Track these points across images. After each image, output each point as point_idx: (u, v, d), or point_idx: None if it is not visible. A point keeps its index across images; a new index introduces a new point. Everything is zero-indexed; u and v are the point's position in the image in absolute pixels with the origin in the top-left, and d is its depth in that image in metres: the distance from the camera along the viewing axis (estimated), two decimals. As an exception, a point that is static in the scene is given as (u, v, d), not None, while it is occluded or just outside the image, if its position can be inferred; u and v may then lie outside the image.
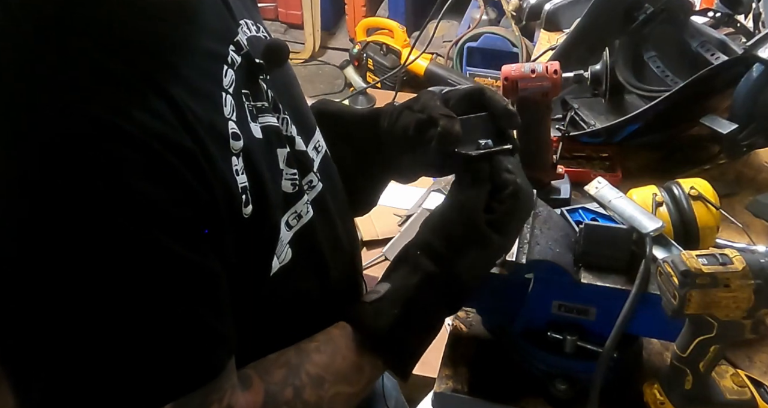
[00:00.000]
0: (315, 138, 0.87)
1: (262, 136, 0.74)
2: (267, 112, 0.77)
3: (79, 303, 0.59)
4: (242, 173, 0.69)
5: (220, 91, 0.70)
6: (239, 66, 0.74)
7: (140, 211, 0.60)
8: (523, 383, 0.97)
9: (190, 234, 0.63)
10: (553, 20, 1.88)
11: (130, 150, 0.60)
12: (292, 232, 0.78)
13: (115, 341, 0.60)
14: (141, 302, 0.61)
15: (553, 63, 1.11)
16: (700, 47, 1.38)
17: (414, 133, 0.88)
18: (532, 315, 0.94)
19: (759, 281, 0.80)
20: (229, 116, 0.70)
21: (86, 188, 0.58)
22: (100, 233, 0.59)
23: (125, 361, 0.61)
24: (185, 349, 0.63)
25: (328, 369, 0.76)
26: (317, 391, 0.74)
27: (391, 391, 1.15)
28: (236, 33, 0.76)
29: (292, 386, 0.73)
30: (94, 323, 0.60)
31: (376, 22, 3.59)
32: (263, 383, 0.72)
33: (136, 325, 0.61)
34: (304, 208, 0.79)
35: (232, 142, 0.69)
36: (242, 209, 0.69)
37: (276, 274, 0.75)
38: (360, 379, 0.79)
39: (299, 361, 0.76)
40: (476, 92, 0.87)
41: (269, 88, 0.79)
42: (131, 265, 0.60)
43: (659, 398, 0.90)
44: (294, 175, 0.78)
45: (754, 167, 1.36)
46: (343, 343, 0.79)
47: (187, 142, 0.63)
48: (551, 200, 1.15)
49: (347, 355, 0.78)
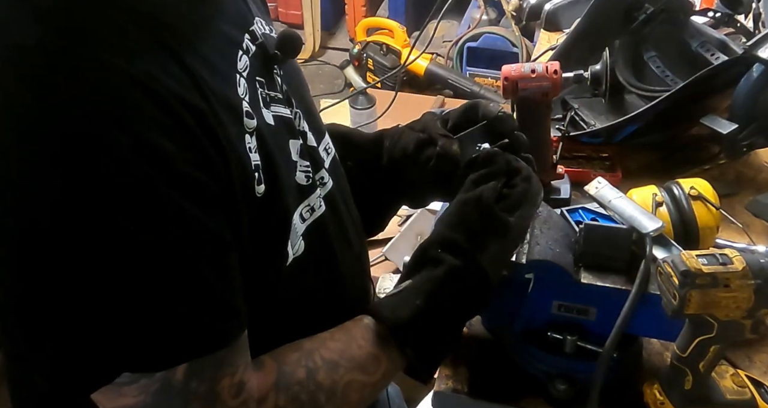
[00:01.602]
0: (325, 140, 0.88)
1: (274, 123, 0.75)
2: (280, 103, 0.78)
3: (98, 257, 0.60)
4: (255, 152, 0.69)
5: (235, 73, 0.71)
6: (254, 54, 0.75)
7: (161, 168, 0.60)
8: (523, 383, 0.97)
9: (204, 198, 0.63)
10: (553, 20, 1.88)
11: (152, 106, 0.60)
12: (306, 224, 0.78)
13: (130, 296, 0.61)
14: (156, 259, 0.61)
15: (553, 63, 1.11)
16: (700, 47, 1.38)
17: (414, 152, 0.92)
18: (532, 315, 0.94)
19: (759, 281, 0.80)
20: (243, 96, 0.70)
21: (110, 143, 0.58)
22: (121, 189, 0.59)
23: (135, 319, 0.61)
24: (195, 310, 0.63)
25: (343, 355, 0.75)
26: (331, 375, 0.73)
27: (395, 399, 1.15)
28: (252, 23, 0.78)
29: (305, 368, 0.73)
30: (102, 278, 0.60)
31: (376, 22, 3.59)
32: (275, 363, 0.72)
33: (151, 282, 0.61)
34: (317, 202, 0.80)
35: (246, 119, 0.69)
36: (255, 187, 0.69)
37: (290, 266, 0.75)
38: (376, 370, 0.77)
39: (313, 346, 0.75)
40: (471, 107, 0.93)
41: (282, 82, 0.80)
42: (151, 221, 0.60)
43: (659, 398, 0.90)
44: (307, 168, 0.79)
45: (754, 167, 1.36)
46: (360, 333, 0.78)
47: (204, 107, 0.64)
48: (551, 200, 1.15)
49: (363, 345, 0.77)
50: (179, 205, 0.61)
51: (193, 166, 0.62)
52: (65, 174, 0.58)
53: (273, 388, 0.70)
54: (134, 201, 0.59)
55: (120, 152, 0.58)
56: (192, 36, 0.68)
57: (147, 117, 0.60)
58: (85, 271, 0.60)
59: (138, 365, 0.62)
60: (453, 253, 0.80)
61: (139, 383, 0.62)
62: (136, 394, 0.62)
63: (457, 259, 0.80)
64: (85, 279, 0.60)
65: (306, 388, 0.72)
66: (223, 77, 0.69)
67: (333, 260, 0.83)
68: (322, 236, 0.80)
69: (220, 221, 0.65)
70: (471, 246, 0.80)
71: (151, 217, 0.60)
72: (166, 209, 0.61)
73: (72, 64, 0.59)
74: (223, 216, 0.65)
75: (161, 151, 0.60)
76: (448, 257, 0.80)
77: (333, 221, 0.83)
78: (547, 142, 1.17)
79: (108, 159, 0.58)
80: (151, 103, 0.60)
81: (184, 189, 0.61)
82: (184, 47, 0.66)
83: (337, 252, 0.83)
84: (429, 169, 0.90)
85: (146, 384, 0.62)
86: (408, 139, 0.93)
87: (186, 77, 0.64)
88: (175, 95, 0.62)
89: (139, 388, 0.62)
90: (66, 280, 0.60)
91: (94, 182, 0.58)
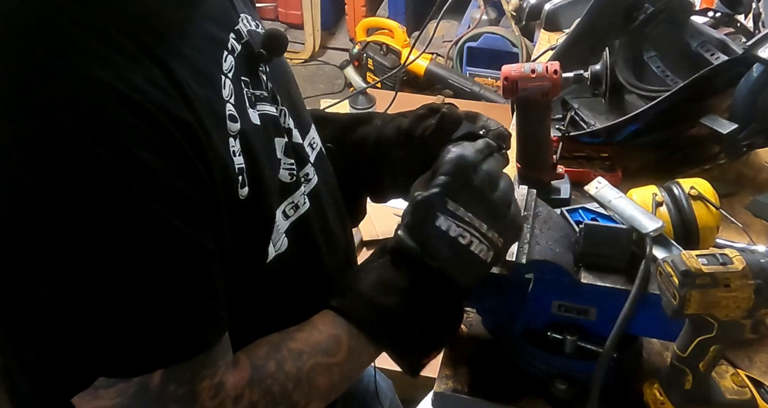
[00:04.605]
0: (310, 134, 0.88)
1: (259, 123, 0.75)
2: (266, 102, 0.78)
3: (78, 266, 0.60)
4: (239, 155, 0.70)
5: (220, 74, 0.71)
6: (239, 54, 0.75)
7: (141, 180, 0.60)
8: (523, 383, 0.97)
9: (186, 209, 0.64)
10: (553, 20, 1.87)
11: (134, 117, 0.60)
12: (289, 221, 0.79)
13: (108, 304, 0.61)
14: (135, 269, 0.62)
15: (553, 63, 1.11)
16: (700, 47, 1.38)
17: (409, 125, 0.91)
18: (532, 315, 0.94)
19: (759, 281, 0.80)
20: (228, 99, 0.71)
21: (89, 155, 0.58)
22: (100, 199, 0.59)
23: (116, 325, 0.62)
24: (174, 317, 0.64)
25: (306, 342, 0.77)
26: (296, 363, 0.75)
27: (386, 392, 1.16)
28: (237, 22, 0.78)
29: (274, 360, 0.74)
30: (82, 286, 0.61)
31: (376, 22, 3.59)
32: (248, 360, 0.73)
33: (129, 290, 0.62)
34: (301, 199, 0.81)
35: (229, 123, 0.69)
36: (238, 191, 0.69)
37: (272, 262, 0.76)
38: (338, 350, 0.78)
39: (281, 339, 0.77)
40: (473, 115, 0.92)
41: (268, 80, 0.80)
42: (130, 232, 0.61)
43: (659, 398, 0.90)
44: (291, 165, 0.79)
45: (754, 167, 1.36)
46: (319, 318, 0.80)
47: (188, 117, 0.64)
48: (551, 200, 1.15)
49: (322, 329, 0.78)
50: (160, 215, 0.61)
51: (176, 178, 0.62)
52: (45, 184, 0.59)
53: (247, 384, 0.71)
54: (113, 211, 0.60)
55: (100, 164, 0.59)
56: (176, 39, 0.68)
57: (129, 130, 0.60)
58: (67, 280, 0.61)
59: (116, 370, 0.63)
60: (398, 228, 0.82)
61: (117, 387, 0.63)
62: (113, 397, 0.63)
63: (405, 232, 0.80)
64: (65, 287, 0.61)
65: (277, 380, 0.73)
66: (208, 81, 0.69)
67: (317, 255, 0.84)
68: (306, 232, 0.81)
69: (203, 230, 0.65)
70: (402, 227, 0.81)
71: (129, 227, 0.61)
72: (146, 220, 0.61)
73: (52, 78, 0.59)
74: (205, 224, 0.66)
75: (142, 163, 0.60)
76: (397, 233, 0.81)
77: (317, 217, 0.84)
78: (547, 142, 1.17)
79: (88, 170, 0.59)
80: (135, 116, 0.60)
81: (166, 200, 0.62)
82: (169, 51, 0.65)
83: (321, 247, 0.84)
84: (424, 139, 0.90)
85: (123, 387, 0.63)
86: (402, 120, 0.94)
87: (171, 86, 0.64)
88: (160, 107, 0.62)
89: (116, 391, 0.63)
90: (47, 288, 0.61)
91: (73, 193, 0.59)
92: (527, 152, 1.16)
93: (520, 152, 1.17)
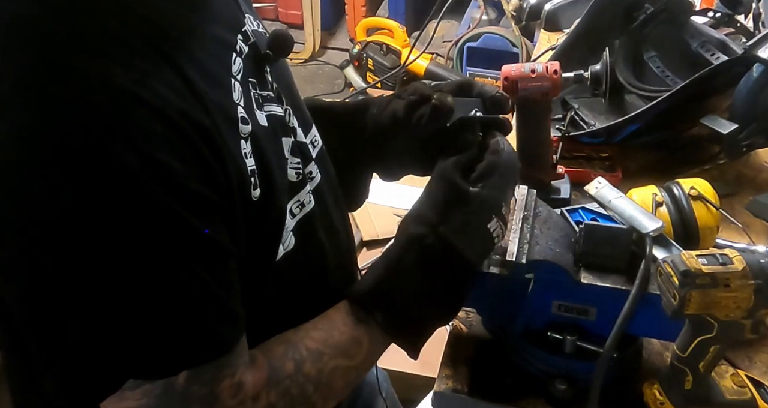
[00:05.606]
0: (312, 132, 0.89)
1: (267, 124, 0.76)
2: (272, 102, 0.79)
3: (107, 270, 0.61)
4: (250, 157, 0.71)
5: (229, 77, 0.72)
6: (246, 55, 0.76)
7: (167, 186, 0.61)
8: (523, 383, 0.97)
9: (207, 212, 0.64)
10: (553, 20, 1.88)
11: (158, 124, 0.61)
12: (296, 220, 0.79)
13: (136, 306, 0.62)
14: (164, 272, 0.63)
15: (553, 63, 1.11)
16: (700, 47, 1.38)
17: (405, 114, 0.91)
18: (532, 315, 0.94)
19: (759, 281, 0.80)
20: (238, 101, 0.71)
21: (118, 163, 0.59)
22: (128, 205, 0.60)
23: (145, 327, 0.63)
24: (199, 319, 0.65)
25: (326, 343, 0.77)
26: (316, 365, 0.75)
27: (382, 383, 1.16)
28: (243, 23, 0.78)
29: (292, 360, 0.74)
30: (112, 291, 0.62)
31: (376, 22, 3.60)
32: (265, 359, 0.73)
33: (157, 293, 0.63)
34: (307, 197, 0.81)
35: (241, 125, 0.70)
36: (251, 192, 0.70)
37: (280, 261, 0.76)
38: (358, 352, 0.79)
39: (298, 338, 0.77)
40: (467, 83, 0.91)
41: (273, 80, 0.80)
42: (157, 236, 0.62)
43: (659, 398, 0.90)
44: (298, 164, 0.80)
45: (754, 167, 1.36)
46: (339, 318, 0.80)
47: (206, 121, 0.65)
48: (551, 200, 1.15)
49: (344, 330, 0.79)
50: (184, 219, 0.62)
51: (197, 181, 0.63)
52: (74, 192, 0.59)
53: (265, 384, 0.71)
54: (141, 217, 0.61)
55: (128, 171, 0.60)
56: (190, 44, 0.68)
57: (155, 137, 0.61)
58: (94, 284, 0.61)
59: (143, 373, 0.64)
60: (419, 223, 0.81)
61: (142, 388, 0.64)
62: (138, 398, 0.64)
63: (418, 229, 0.81)
64: (95, 290, 0.62)
65: (295, 382, 0.73)
66: (220, 84, 0.70)
67: (321, 253, 0.84)
68: (311, 230, 0.82)
69: (222, 232, 0.66)
70: (435, 217, 0.81)
71: (155, 231, 0.62)
72: (172, 224, 0.62)
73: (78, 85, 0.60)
74: (223, 225, 0.67)
75: (168, 169, 0.61)
76: (411, 227, 0.81)
77: (322, 214, 0.84)
78: (547, 142, 1.17)
79: (117, 178, 0.60)
80: (159, 124, 0.61)
81: (189, 203, 0.63)
82: (184, 57, 0.66)
83: (325, 244, 0.85)
84: (420, 128, 0.90)
85: (149, 389, 0.64)
86: (398, 105, 0.93)
87: (188, 92, 0.65)
88: (181, 114, 0.63)
89: (141, 392, 0.64)
90: (75, 292, 0.62)
91: (103, 200, 0.60)
92: (527, 152, 1.16)
93: (520, 152, 1.16)
